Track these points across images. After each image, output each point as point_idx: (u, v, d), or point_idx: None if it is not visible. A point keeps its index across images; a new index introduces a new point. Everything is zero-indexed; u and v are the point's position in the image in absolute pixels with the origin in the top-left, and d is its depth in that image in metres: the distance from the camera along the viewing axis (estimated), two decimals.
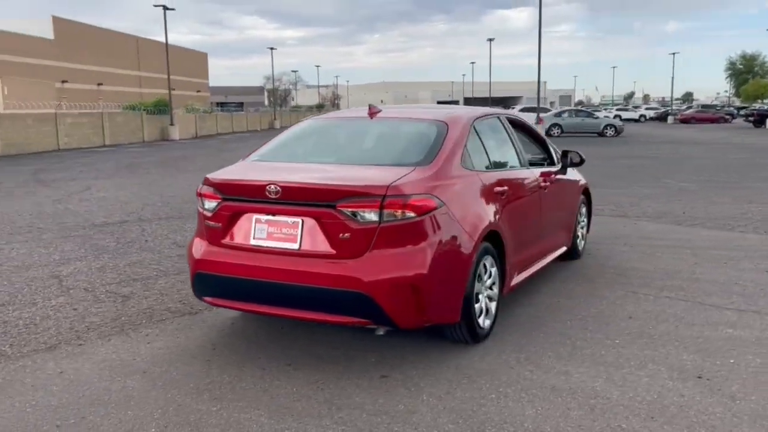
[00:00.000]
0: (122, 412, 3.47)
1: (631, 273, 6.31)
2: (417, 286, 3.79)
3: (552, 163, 6.20)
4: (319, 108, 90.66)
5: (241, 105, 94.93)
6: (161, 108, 39.08)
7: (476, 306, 4.31)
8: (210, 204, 4.23)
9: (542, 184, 5.55)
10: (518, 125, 6.01)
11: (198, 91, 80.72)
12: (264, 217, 4.03)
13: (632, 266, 6.58)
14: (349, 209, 3.77)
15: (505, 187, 4.80)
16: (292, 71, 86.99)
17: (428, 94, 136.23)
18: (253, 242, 4.05)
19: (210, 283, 4.20)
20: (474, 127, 4.86)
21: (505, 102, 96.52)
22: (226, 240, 4.15)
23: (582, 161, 6.27)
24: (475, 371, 3.98)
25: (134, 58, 65.09)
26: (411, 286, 3.77)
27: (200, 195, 4.31)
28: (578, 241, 6.85)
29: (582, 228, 6.99)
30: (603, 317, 5.01)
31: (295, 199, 3.91)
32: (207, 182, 4.28)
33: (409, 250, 3.80)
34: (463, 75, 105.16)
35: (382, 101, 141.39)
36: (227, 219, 4.15)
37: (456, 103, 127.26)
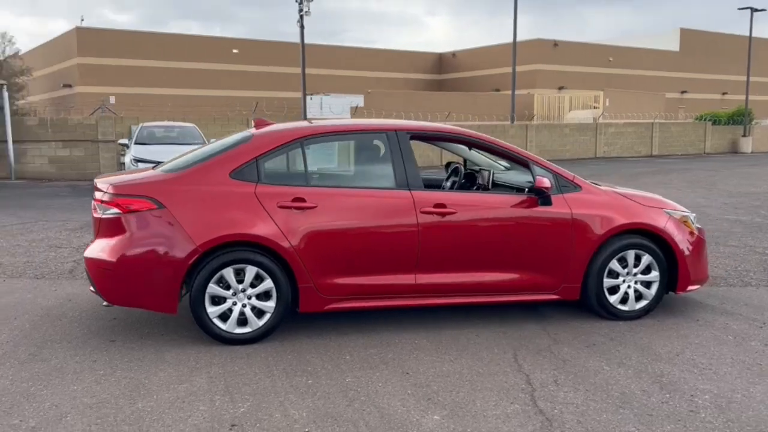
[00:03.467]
0: None
1: (610, 349, 4.72)
2: (106, 270, 4.62)
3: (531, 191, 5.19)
4: None
5: None
6: (737, 118, 36.36)
7: (214, 308, 4.66)
8: None
9: (433, 209, 4.91)
10: (474, 143, 5.42)
11: None
12: None
13: (645, 345, 4.81)
14: (93, 202, 4.88)
15: (313, 204, 4.76)
16: None
17: None
18: None
19: None
20: (302, 144, 4.95)
21: None
22: None
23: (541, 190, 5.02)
24: (136, 358, 4.53)
25: None
26: (102, 269, 4.65)
27: None
28: (616, 297, 5.27)
29: (636, 282, 5.29)
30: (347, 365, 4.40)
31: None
32: None
33: (110, 240, 4.66)
34: None
35: None
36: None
37: None
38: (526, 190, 5.22)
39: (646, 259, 5.29)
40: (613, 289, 5.29)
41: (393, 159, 5.02)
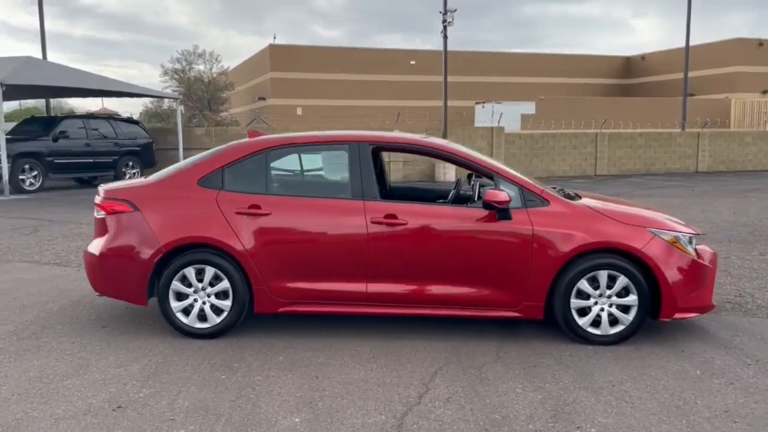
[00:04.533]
0: None
1: (546, 372, 4.51)
2: (93, 264, 5.27)
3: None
4: None
5: None
6: None
7: (178, 303, 5.13)
8: None
9: (383, 219, 4.97)
10: (433, 154, 5.39)
11: None
12: None
13: (589, 372, 4.52)
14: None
15: (267, 211, 5.06)
16: None
17: None
18: None
19: None
20: (266, 155, 5.26)
21: None
22: None
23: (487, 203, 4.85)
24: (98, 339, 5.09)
25: None
26: (90, 263, 5.30)
27: None
28: (587, 320, 4.95)
29: (611, 305, 4.94)
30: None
31: None
32: None
33: (100, 238, 5.30)
34: None
35: None
36: None
37: None
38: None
39: (622, 281, 4.90)
40: (584, 311, 4.98)
41: (351, 170, 5.15)
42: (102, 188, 5.46)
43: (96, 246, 5.29)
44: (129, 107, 63.29)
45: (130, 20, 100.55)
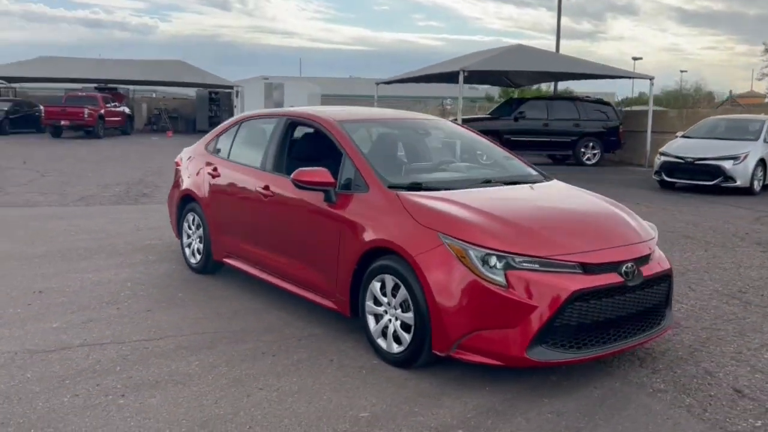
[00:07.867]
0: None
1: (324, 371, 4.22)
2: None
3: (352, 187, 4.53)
4: None
5: None
6: None
7: (186, 240, 6.33)
8: None
9: (262, 189, 5.14)
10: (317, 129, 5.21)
11: None
12: None
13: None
14: None
15: (218, 173, 5.88)
16: None
17: None
18: None
19: None
20: (240, 124, 6.02)
21: None
22: None
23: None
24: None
25: None
26: None
27: None
28: (377, 328, 4.16)
29: (397, 319, 4.01)
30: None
31: None
32: None
33: None
34: None
35: None
36: None
37: None
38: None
39: (402, 292, 3.91)
40: (379, 319, 4.20)
41: (269, 142, 5.45)
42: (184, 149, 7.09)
43: None
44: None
45: None
